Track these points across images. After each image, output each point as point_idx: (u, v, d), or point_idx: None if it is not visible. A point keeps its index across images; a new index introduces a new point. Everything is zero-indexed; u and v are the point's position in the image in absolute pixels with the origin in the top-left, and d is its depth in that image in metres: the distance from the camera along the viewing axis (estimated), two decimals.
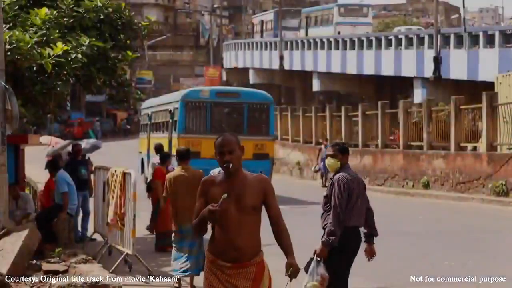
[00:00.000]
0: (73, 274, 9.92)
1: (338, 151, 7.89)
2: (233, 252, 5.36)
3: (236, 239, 5.35)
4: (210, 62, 74.10)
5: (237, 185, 5.42)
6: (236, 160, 5.41)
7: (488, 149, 21.83)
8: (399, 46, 38.49)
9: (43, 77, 11.91)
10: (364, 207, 7.92)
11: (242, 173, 5.49)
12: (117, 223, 11.57)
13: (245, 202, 5.38)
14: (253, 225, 5.42)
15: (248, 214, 5.38)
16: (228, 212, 5.34)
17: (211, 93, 22.03)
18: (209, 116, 21.49)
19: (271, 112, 22.18)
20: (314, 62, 47.71)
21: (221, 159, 5.43)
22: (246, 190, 5.41)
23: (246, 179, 5.46)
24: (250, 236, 5.40)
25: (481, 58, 32.14)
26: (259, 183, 5.48)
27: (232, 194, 5.34)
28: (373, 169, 27.80)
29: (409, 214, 19.13)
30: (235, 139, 5.49)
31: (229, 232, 5.37)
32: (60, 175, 13.36)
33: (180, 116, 21.35)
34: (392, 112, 28.24)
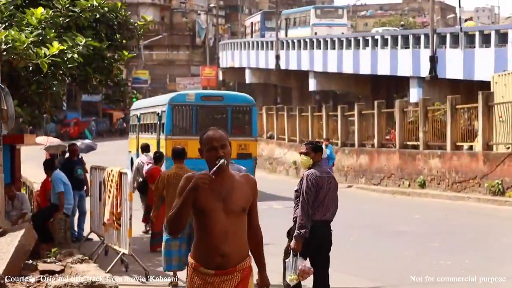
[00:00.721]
0: (69, 274, 9.91)
1: (311, 149, 8.36)
2: (219, 258, 4.88)
3: (222, 245, 4.86)
4: (207, 62, 74.12)
5: (226, 184, 4.94)
6: (228, 156, 4.95)
7: (484, 148, 21.86)
8: (395, 46, 38.51)
9: (39, 77, 11.89)
10: (334, 203, 8.25)
11: (229, 172, 5.02)
12: (114, 223, 11.56)
13: (234, 203, 4.90)
14: (241, 228, 4.95)
15: (236, 217, 4.90)
16: (214, 214, 4.87)
17: (197, 97, 22.92)
18: (194, 119, 22.43)
19: (253, 114, 23.12)
20: (310, 61, 47.72)
21: (212, 155, 4.92)
22: (235, 190, 4.94)
23: (234, 178, 5.00)
24: (238, 240, 4.92)
25: (477, 58, 32.16)
26: (248, 183, 5.03)
27: (220, 194, 4.90)
28: (369, 168, 27.83)
29: (405, 214, 19.15)
30: (225, 133, 5.04)
31: (215, 237, 4.86)
32: (56, 175, 13.35)
33: (168, 118, 22.29)
34: (388, 111, 28.26)
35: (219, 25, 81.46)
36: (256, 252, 5.13)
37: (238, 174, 5.07)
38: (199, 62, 79.36)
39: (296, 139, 35.14)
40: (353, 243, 14.30)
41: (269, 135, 39.33)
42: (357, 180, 28.46)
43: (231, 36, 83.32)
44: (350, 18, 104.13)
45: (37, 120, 13.03)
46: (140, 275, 11.10)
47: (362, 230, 16.04)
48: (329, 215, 8.20)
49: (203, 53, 78.56)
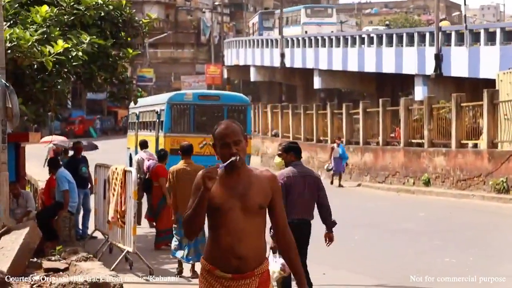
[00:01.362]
0: (74, 272, 9.93)
1: (283, 151, 8.72)
2: (235, 261, 4.50)
3: (239, 246, 4.49)
4: (211, 60, 74.13)
5: (242, 180, 4.59)
6: (243, 152, 4.60)
7: (489, 146, 21.83)
8: (400, 44, 38.47)
9: (44, 75, 11.90)
10: (311, 201, 8.49)
11: (246, 167, 4.66)
12: (118, 221, 11.58)
13: (252, 200, 4.54)
14: (258, 228, 4.58)
15: (254, 215, 4.54)
16: (230, 212, 4.52)
17: (194, 96, 23.90)
18: (192, 117, 23.33)
19: (248, 113, 24.07)
20: (315, 59, 47.71)
21: (226, 152, 4.58)
22: (252, 187, 4.58)
23: (252, 174, 4.64)
24: (255, 241, 4.55)
25: (482, 56, 32.12)
26: (267, 180, 4.65)
27: (236, 191, 4.55)
28: (374, 166, 27.81)
29: (410, 211, 19.14)
30: (239, 128, 4.66)
31: (231, 237, 4.50)
32: (61, 173, 13.37)
33: (166, 116, 23.22)
34: (393, 109, 28.24)
35: (224, 23, 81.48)
36: (288, 258, 4.73)
37: (256, 169, 4.73)
38: (204, 60, 79.37)
39: (301, 137, 35.13)
40: (358, 242, 14.30)
41: (274, 133, 39.34)
42: (361, 178, 28.43)
43: (236, 34, 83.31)
44: (355, 16, 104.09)
45: (41, 118, 13.04)
46: (145, 273, 11.11)
47: (366, 228, 16.04)
48: (305, 213, 8.41)
49: (208, 51, 78.58)
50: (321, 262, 11.79)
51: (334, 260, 12.03)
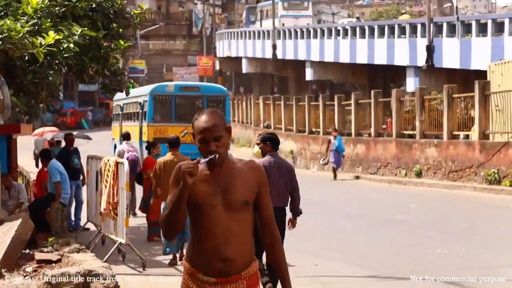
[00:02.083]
0: (66, 263, 9.92)
1: (260, 140, 9.17)
2: (220, 263, 4.09)
3: (224, 247, 4.07)
4: (203, 51, 74.03)
5: (224, 174, 4.18)
6: (224, 148, 4.17)
7: (481, 137, 21.89)
8: (392, 35, 38.49)
9: (35, 67, 11.87)
10: (285, 189, 8.98)
11: (229, 160, 4.24)
12: (110, 212, 11.58)
13: (235, 195, 4.13)
14: (245, 226, 4.16)
15: (238, 212, 4.12)
16: (212, 210, 4.10)
17: (176, 88, 25.35)
18: (174, 107, 24.61)
19: (226, 103, 25.30)
20: (307, 51, 47.70)
21: (204, 148, 4.15)
22: (236, 180, 4.17)
23: (235, 167, 4.23)
24: (241, 241, 4.13)
25: (473, 47, 32.18)
26: (251, 171, 4.23)
27: (218, 186, 4.15)
28: (366, 157, 27.86)
29: (402, 203, 19.19)
30: (221, 119, 4.19)
31: (214, 237, 4.08)
32: (53, 165, 13.34)
33: (149, 107, 24.45)
34: (385, 100, 28.29)
35: (216, 15, 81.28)
36: (274, 259, 4.31)
37: (240, 160, 4.31)
38: (196, 51, 79.26)
39: (293, 128, 35.16)
40: (349, 233, 14.33)
41: (266, 125, 39.36)
42: (353, 169, 28.49)
43: (228, 26, 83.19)
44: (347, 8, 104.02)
45: (33, 110, 13.01)
46: (137, 265, 11.12)
47: (358, 219, 16.08)
48: (280, 201, 8.83)
49: (200, 43, 78.48)
50: (313, 253, 11.83)
51: (326, 251, 12.07)
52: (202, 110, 4.24)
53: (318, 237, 13.46)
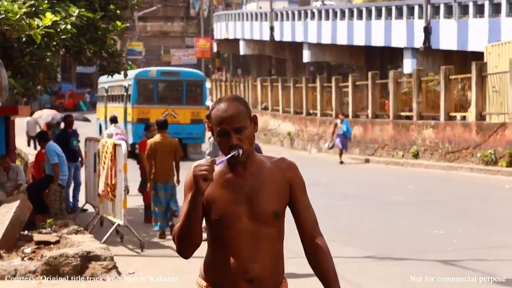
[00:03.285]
0: (64, 245, 9.99)
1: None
2: (244, 284, 3.40)
3: (250, 265, 3.39)
4: (201, 33, 73.83)
5: (250, 178, 3.43)
6: (248, 142, 3.39)
7: (477, 118, 21.95)
8: (389, 17, 38.43)
9: (33, 48, 11.87)
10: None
11: (255, 158, 3.46)
12: (108, 194, 11.62)
13: (264, 204, 3.40)
14: (274, 241, 3.44)
15: (267, 225, 3.41)
16: (237, 222, 3.39)
17: (157, 73, 27.78)
18: (156, 90, 27.08)
19: (204, 87, 27.92)
20: (304, 33, 47.61)
21: (224, 142, 3.39)
22: (264, 186, 3.42)
23: (263, 167, 3.46)
24: (270, 258, 3.44)
25: (470, 28, 32.15)
26: (283, 172, 3.47)
27: (242, 193, 3.41)
28: (363, 139, 27.90)
29: (399, 184, 19.26)
30: (243, 107, 3.43)
31: (239, 254, 3.39)
32: (50, 147, 13.37)
33: (133, 90, 26.79)
34: (382, 82, 28.30)
35: None
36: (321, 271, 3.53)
37: (270, 158, 3.51)
38: (194, 33, 79.05)
39: (290, 110, 35.18)
40: (347, 213, 14.40)
41: (264, 107, 39.38)
42: (351, 150, 28.55)
43: (225, 7, 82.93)
44: None
45: (31, 92, 13.01)
46: (135, 246, 11.18)
47: (355, 201, 16.15)
48: None
49: (198, 25, 78.24)
50: None
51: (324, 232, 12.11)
52: (221, 97, 3.48)
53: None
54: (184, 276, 8.79)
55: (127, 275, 9.22)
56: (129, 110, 26.95)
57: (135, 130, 25.78)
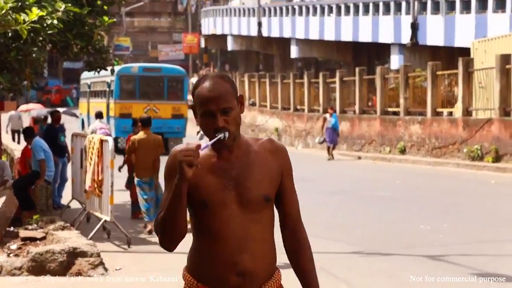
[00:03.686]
0: (51, 241, 9.96)
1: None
2: (235, 277, 3.13)
3: (239, 257, 3.12)
4: (188, 29, 73.72)
5: (237, 161, 3.17)
6: (234, 123, 3.14)
7: (464, 114, 22.03)
8: (377, 12, 38.49)
9: (19, 43, 11.81)
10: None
11: (242, 141, 3.21)
12: (95, 190, 11.59)
13: (253, 189, 3.14)
14: (265, 228, 3.19)
15: (258, 211, 3.15)
16: (225, 210, 3.12)
17: (139, 69, 28.40)
18: (138, 86, 27.61)
19: (185, 83, 28.74)
20: (292, 28, 47.62)
21: (209, 124, 3.13)
22: (252, 169, 3.17)
23: (250, 151, 3.21)
24: (262, 248, 3.18)
25: (457, 24, 32.24)
26: (272, 154, 3.23)
27: (229, 178, 3.15)
28: (351, 135, 27.96)
29: (386, 179, 19.31)
30: (230, 86, 3.16)
31: (228, 245, 3.12)
32: (36, 143, 13.31)
33: (116, 86, 27.34)
34: (369, 78, 28.35)
35: None
36: (299, 264, 3.29)
37: (257, 140, 3.27)
38: (181, 29, 78.92)
39: (278, 106, 35.19)
40: (334, 209, 14.43)
41: (251, 102, 39.38)
42: (338, 146, 28.60)
43: (213, 3, 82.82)
44: None
45: (17, 87, 12.95)
46: (122, 242, 11.16)
47: (343, 196, 16.18)
48: None
49: (185, 20, 78.11)
50: None
51: (310, 227, 12.12)
52: (206, 74, 3.21)
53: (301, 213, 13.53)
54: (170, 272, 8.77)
55: (114, 271, 9.20)
56: (111, 106, 27.61)
57: (117, 125, 26.43)
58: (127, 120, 24.61)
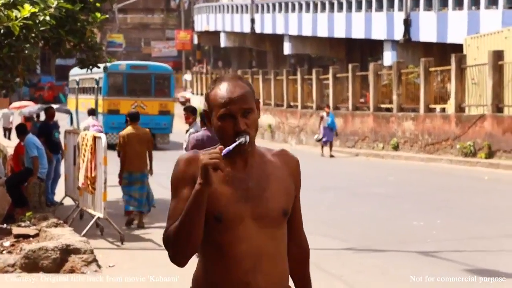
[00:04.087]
0: (44, 238, 9.93)
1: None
2: None
3: (253, 276, 2.87)
4: (181, 26, 73.65)
5: (253, 172, 2.94)
6: (254, 128, 2.92)
7: (457, 110, 22.07)
8: (369, 9, 38.51)
9: (11, 40, 11.77)
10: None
11: (256, 149, 2.99)
12: (88, 187, 11.58)
13: (271, 202, 2.92)
14: (281, 246, 2.97)
15: (274, 226, 2.93)
16: (240, 224, 2.88)
17: (127, 66, 29.22)
18: (125, 83, 28.47)
19: (171, 80, 29.41)
20: (285, 25, 47.62)
21: (227, 128, 2.88)
22: (269, 181, 2.95)
23: (266, 161, 2.99)
24: (278, 267, 2.94)
25: (450, 20, 32.28)
26: (288, 167, 3.04)
27: (245, 189, 2.90)
28: (344, 131, 27.97)
29: (379, 176, 19.33)
30: (249, 88, 2.96)
31: (241, 263, 2.87)
32: (29, 139, 13.28)
33: (104, 83, 28.31)
34: (362, 74, 28.37)
35: None
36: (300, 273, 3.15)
37: (270, 150, 3.06)
38: (174, 25, 78.85)
39: (271, 102, 35.19)
40: (327, 205, 14.44)
41: None
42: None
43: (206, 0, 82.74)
44: None
45: (9, 84, 12.92)
46: (116, 239, 11.15)
47: (336, 192, 16.19)
48: None
49: (178, 17, 78.03)
50: None
51: (305, 224, 12.11)
52: (220, 76, 3.00)
53: None
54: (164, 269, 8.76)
55: (107, 268, 9.19)
56: (100, 102, 28.42)
57: (105, 121, 26.88)
58: (115, 116, 26.54)
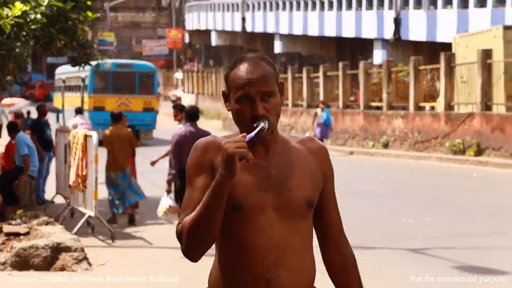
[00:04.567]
0: (35, 236, 9.96)
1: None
2: None
3: (276, 271, 2.66)
4: (173, 24, 73.58)
5: (275, 160, 2.73)
6: (275, 113, 2.69)
7: (446, 108, 22.18)
8: (360, 8, 38.60)
9: (2, 38, 11.79)
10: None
11: (279, 136, 2.77)
12: (79, 185, 11.61)
13: (295, 192, 2.70)
14: (305, 239, 2.74)
15: (298, 218, 2.70)
16: (261, 215, 2.66)
17: (112, 65, 29.84)
18: (111, 81, 29.34)
19: (155, 78, 30.42)
20: (276, 23, 47.67)
21: (245, 110, 2.67)
22: (293, 169, 2.73)
23: (289, 148, 2.77)
24: (300, 261, 2.71)
25: (439, 19, 32.41)
26: (314, 155, 2.80)
27: (267, 178, 2.69)
28: (334, 129, 28.03)
29: (370, 173, 19.40)
30: (272, 68, 2.75)
31: (263, 257, 2.65)
32: (20, 138, 13.28)
33: (90, 81, 29.18)
34: (352, 73, 28.45)
35: None
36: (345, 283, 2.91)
37: (295, 138, 2.82)
38: (165, 24, 78.76)
39: None
40: None
41: None
42: (322, 141, 28.72)
43: None
44: None
45: (0, 82, 12.94)
46: (106, 237, 11.19)
47: None
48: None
49: (169, 15, 77.94)
50: None
51: None
52: (243, 56, 2.78)
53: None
54: (155, 267, 8.81)
55: (98, 266, 9.22)
56: (86, 99, 29.22)
57: (91, 118, 27.07)
58: (101, 112, 27.22)
